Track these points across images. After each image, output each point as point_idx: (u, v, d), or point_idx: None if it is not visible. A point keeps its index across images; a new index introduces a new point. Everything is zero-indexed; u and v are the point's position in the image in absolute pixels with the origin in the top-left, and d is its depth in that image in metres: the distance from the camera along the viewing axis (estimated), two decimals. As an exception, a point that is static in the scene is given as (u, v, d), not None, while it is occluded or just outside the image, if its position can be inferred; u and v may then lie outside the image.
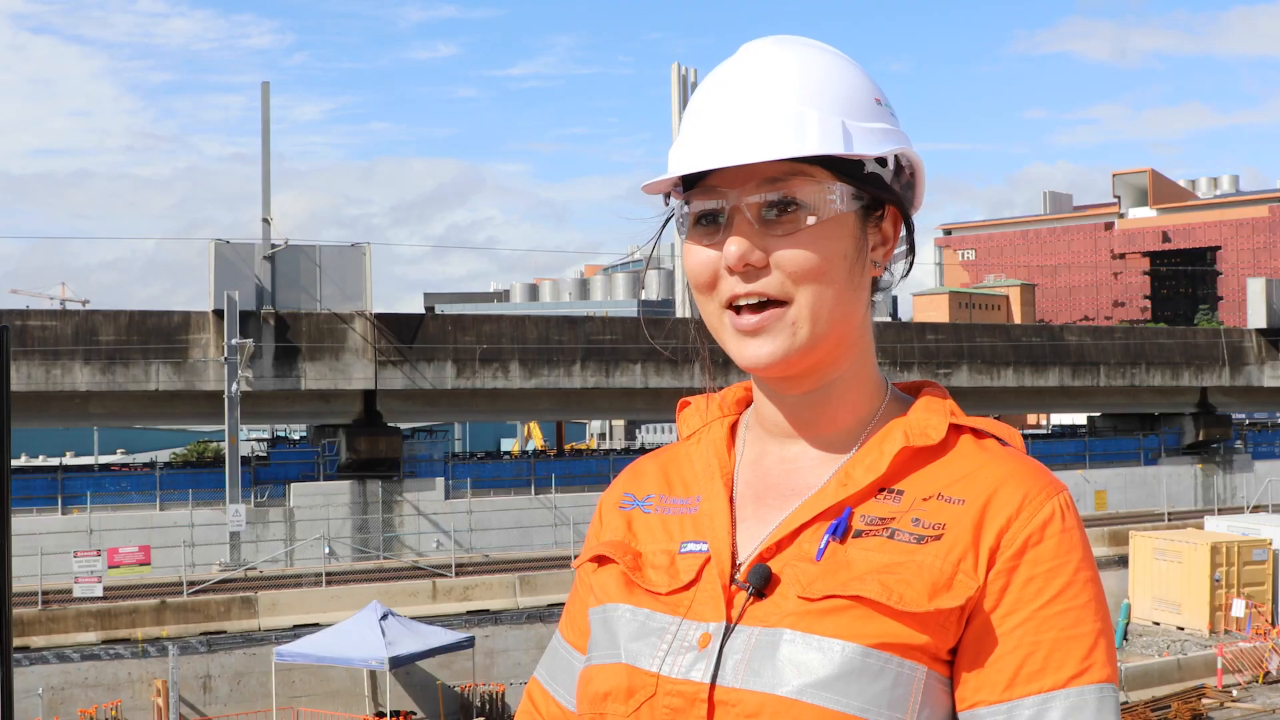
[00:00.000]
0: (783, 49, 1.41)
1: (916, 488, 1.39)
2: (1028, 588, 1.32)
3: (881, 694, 1.29)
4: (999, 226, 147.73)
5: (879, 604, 1.30)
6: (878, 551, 1.34)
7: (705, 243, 1.38)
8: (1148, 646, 33.26)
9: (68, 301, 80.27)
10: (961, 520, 1.35)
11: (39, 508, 35.11)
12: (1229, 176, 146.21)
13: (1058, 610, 1.31)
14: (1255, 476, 50.65)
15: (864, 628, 1.30)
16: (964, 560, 1.33)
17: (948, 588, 1.31)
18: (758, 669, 1.31)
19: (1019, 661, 1.30)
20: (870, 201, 1.41)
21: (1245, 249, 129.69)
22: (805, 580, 1.34)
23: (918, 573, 1.32)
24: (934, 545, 1.34)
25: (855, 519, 1.38)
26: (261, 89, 38.52)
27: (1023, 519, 1.34)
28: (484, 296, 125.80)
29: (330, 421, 38.74)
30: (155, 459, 51.17)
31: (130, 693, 26.41)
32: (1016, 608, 1.32)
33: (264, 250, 37.05)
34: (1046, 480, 1.37)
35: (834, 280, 1.36)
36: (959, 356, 45.88)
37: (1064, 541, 1.34)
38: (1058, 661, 1.30)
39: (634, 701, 1.38)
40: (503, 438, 79.51)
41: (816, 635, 1.31)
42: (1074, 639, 1.31)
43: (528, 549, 37.51)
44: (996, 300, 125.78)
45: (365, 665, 25.09)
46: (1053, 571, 1.32)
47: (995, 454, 1.41)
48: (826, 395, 1.44)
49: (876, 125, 1.40)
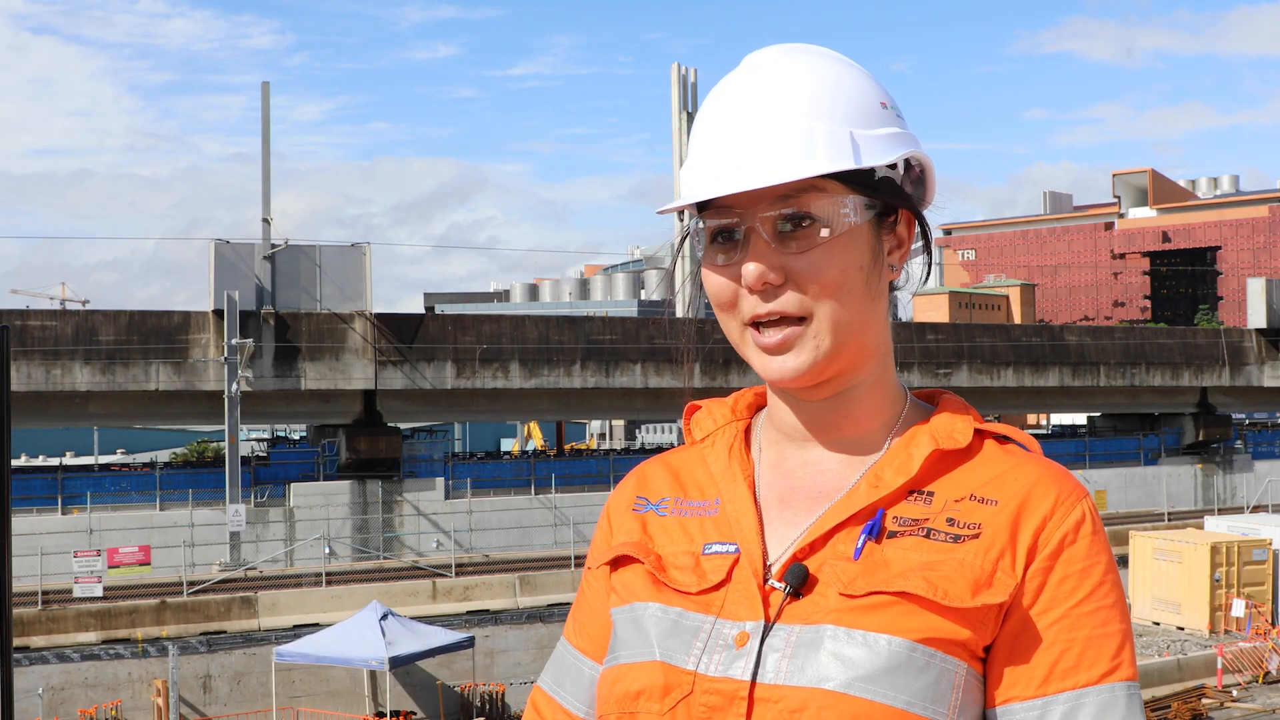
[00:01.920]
0: (787, 59, 1.42)
1: (947, 489, 1.42)
2: (1062, 586, 1.36)
3: (927, 688, 1.31)
4: (999, 226, 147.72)
5: (924, 599, 1.33)
6: (915, 551, 1.37)
7: (724, 261, 1.40)
8: (1148, 647, 33.25)
9: (68, 301, 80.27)
10: (997, 520, 1.38)
11: (39, 508, 35.10)
12: (1229, 176, 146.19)
13: (1090, 609, 1.35)
14: (1255, 476, 50.66)
15: (909, 623, 1.33)
16: (1003, 558, 1.36)
17: (989, 585, 1.35)
18: (801, 665, 1.33)
19: (1054, 658, 1.34)
20: (884, 208, 1.43)
21: (1245, 249, 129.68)
22: (846, 578, 1.36)
23: (959, 570, 1.35)
24: (972, 544, 1.37)
25: (888, 520, 1.40)
26: (261, 89, 38.52)
27: (1056, 519, 1.38)
28: (484, 296, 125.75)
29: (330, 421, 38.73)
30: (155, 459, 51.19)
31: (130, 693, 26.41)
32: (1052, 606, 1.35)
33: (264, 250, 37.04)
34: (1074, 483, 1.41)
35: (851, 292, 1.38)
36: (959, 356, 45.87)
37: (1095, 543, 1.38)
38: (1090, 659, 1.34)
39: (670, 700, 1.38)
40: (503, 438, 79.49)
41: (861, 630, 1.32)
42: (1105, 637, 1.35)
43: (528, 549, 37.51)
44: (996, 300, 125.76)
45: (365, 665, 25.09)
46: (1085, 571, 1.36)
47: (1021, 458, 1.44)
48: (849, 400, 1.46)
49: (884, 131, 1.41)
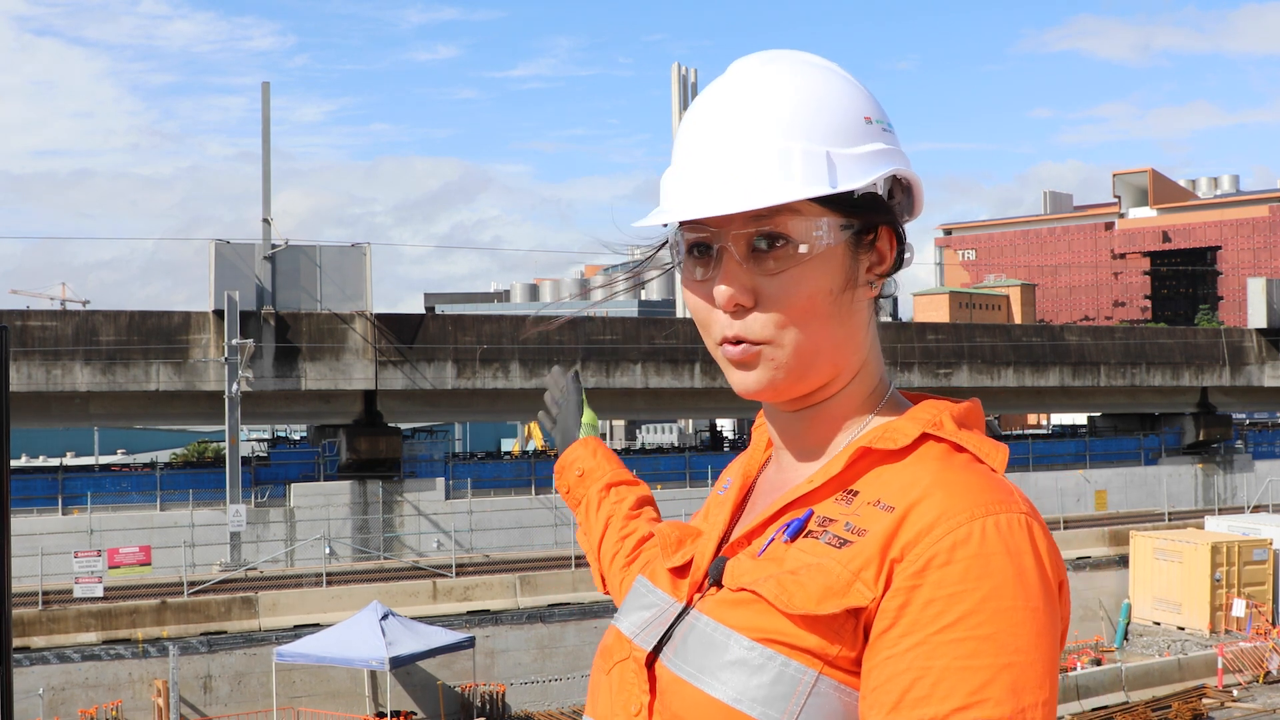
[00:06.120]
0: (770, 71, 1.41)
1: (870, 491, 1.38)
2: (926, 610, 1.26)
3: (759, 688, 1.31)
4: (999, 226, 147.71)
5: (769, 601, 1.34)
6: (808, 553, 1.36)
7: (700, 276, 1.42)
8: (1148, 646, 33.28)
9: (68, 301, 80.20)
10: (880, 528, 1.32)
11: (39, 508, 35.09)
12: (1229, 176, 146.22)
13: (953, 638, 1.24)
14: (1255, 476, 50.64)
15: (757, 621, 1.34)
16: (865, 569, 1.31)
17: (841, 594, 1.30)
18: (681, 649, 1.40)
19: (906, 685, 1.24)
20: (863, 225, 1.41)
21: (1245, 249, 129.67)
22: (737, 573, 1.41)
23: (816, 575, 1.32)
24: (846, 550, 1.33)
25: (813, 521, 1.40)
26: (262, 89, 38.51)
27: (933, 536, 1.28)
28: (484, 296, 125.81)
29: (330, 421, 38.73)
30: (155, 459, 51.18)
31: (131, 693, 26.41)
32: (912, 630, 1.26)
33: (264, 250, 37.04)
34: (986, 499, 1.30)
35: (818, 316, 1.39)
36: (959, 356, 45.86)
37: (976, 566, 1.26)
38: (944, 691, 1.22)
39: (610, 660, 1.51)
40: (503, 438, 79.52)
41: (719, 623, 1.38)
42: (968, 670, 1.22)
43: (528, 549, 37.50)
44: (997, 300, 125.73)
45: (366, 665, 25.09)
46: (955, 597, 1.25)
47: (952, 465, 1.36)
48: (819, 411, 1.48)
49: (865, 149, 1.40)
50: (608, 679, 1.49)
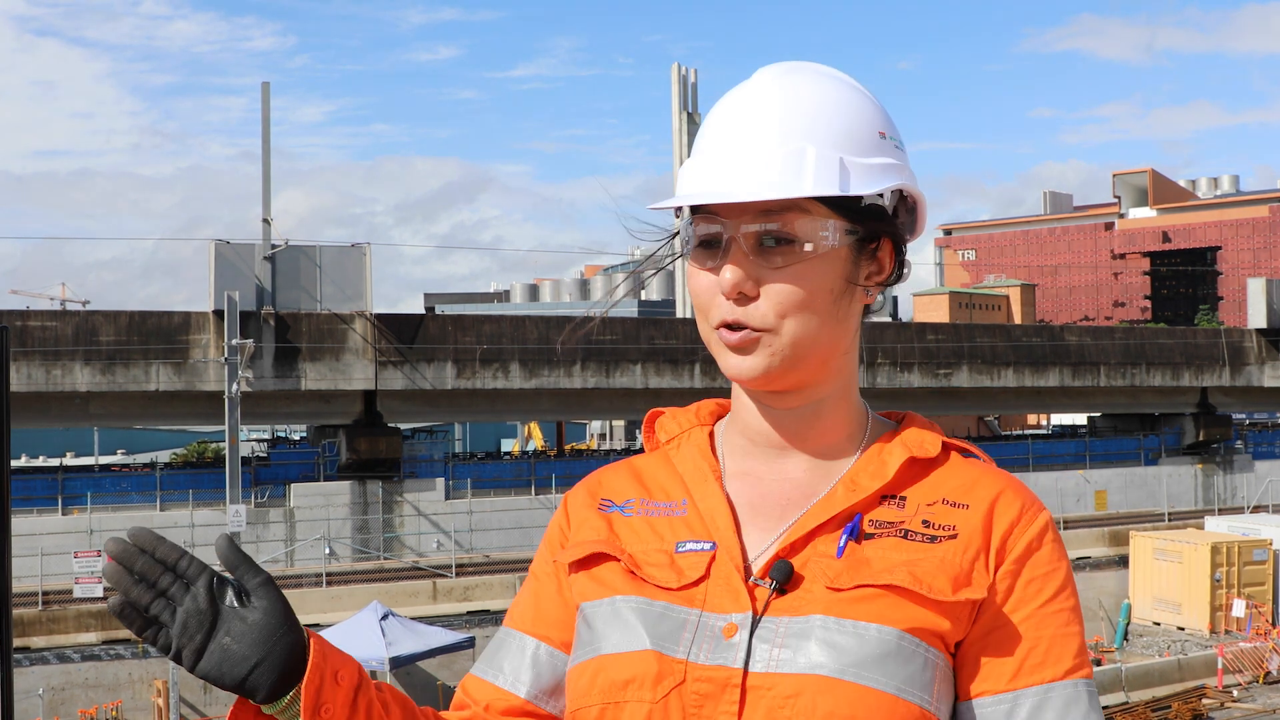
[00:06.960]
0: (792, 79, 1.48)
1: (919, 495, 1.50)
2: (1029, 588, 1.45)
3: (914, 675, 1.39)
4: (999, 226, 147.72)
5: (910, 592, 1.41)
6: (895, 550, 1.45)
7: (706, 266, 1.47)
8: (1148, 646, 33.28)
9: (68, 301, 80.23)
10: (970, 522, 1.47)
11: (39, 508, 35.11)
12: (1229, 176, 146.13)
13: (1054, 610, 1.44)
14: (1255, 476, 50.66)
15: (895, 613, 1.40)
16: (978, 559, 1.45)
17: (968, 582, 1.43)
18: (792, 655, 1.39)
19: (1023, 655, 1.42)
20: (866, 233, 1.48)
21: (1245, 249, 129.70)
22: (831, 574, 1.43)
23: (940, 566, 1.43)
24: (949, 544, 1.45)
25: (865, 524, 1.47)
26: (261, 89, 38.50)
27: (1024, 524, 1.47)
28: (484, 297, 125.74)
29: (330, 422, 38.74)
30: (155, 459, 51.15)
31: (131, 693, 26.42)
32: (1020, 605, 1.44)
33: (264, 250, 37.05)
34: (1034, 495, 1.52)
35: (817, 313, 1.45)
36: (959, 356, 45.85)
37: (1056, 550, 1.47)
38: (1056, 656, 1.43)
39: (662, 688, 1.42)
40: (503, 438, 79.51)
41: (851, 620, 1.40)
42: (1068, 637, 1.44)
43: (528, 549, 37.48)
44: (996, 300, 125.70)
45: (365, 665, 24.78)
46: (1049, 575, 1.46)
47: (985, 469, 1.53)
48: (816, 412, 1.52)
49: (878, 160, 1.47)
50: (659, 707, 1.41)
